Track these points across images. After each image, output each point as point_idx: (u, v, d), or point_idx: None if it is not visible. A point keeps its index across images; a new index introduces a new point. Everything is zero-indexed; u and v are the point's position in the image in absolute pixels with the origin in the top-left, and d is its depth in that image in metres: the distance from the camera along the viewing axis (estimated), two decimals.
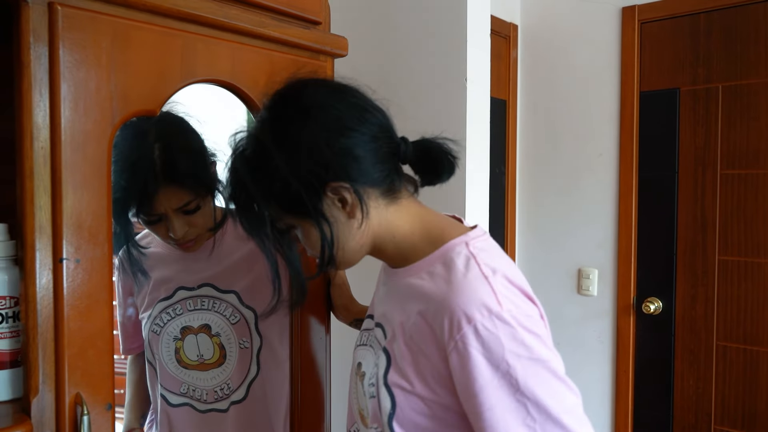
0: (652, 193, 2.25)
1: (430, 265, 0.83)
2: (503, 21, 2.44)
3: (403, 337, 0.81)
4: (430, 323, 0.78)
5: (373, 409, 0.83)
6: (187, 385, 1.23)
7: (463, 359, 0.74)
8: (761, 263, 2.04)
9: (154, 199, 1.07)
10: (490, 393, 0.73)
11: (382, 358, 0.83)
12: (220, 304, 1.21)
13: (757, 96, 2.03)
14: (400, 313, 0.84)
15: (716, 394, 2.12)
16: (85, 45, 0.74)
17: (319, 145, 0.80)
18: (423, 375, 0.79)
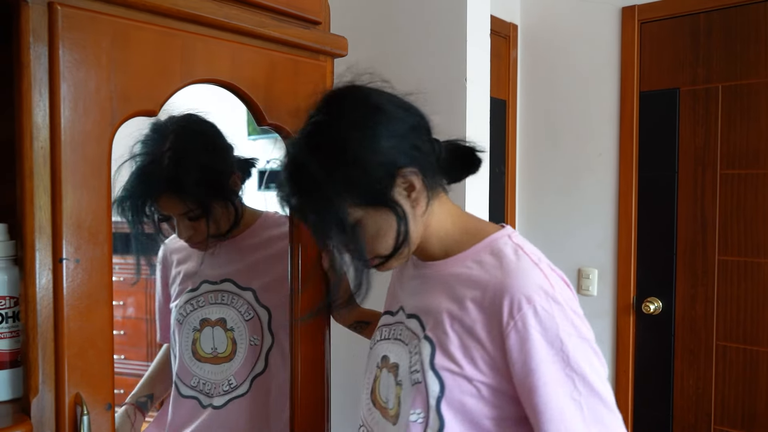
0: (651, 193, 2.25)
1: (476, 256, 0.89)
2: (503, 21, 2.44)
3: (450, 323, 0.86)
4: (484, 308, 0.84)
5: (418, 395, 0.87)
6: (198, 379, 1.26)
7: (522, 337, 0.80)
8: (761, 263, 2.04)
9: (158, 203, 1.15)
10: (546, 368, 0.79)
11: (426, 346, 0.87)
12: (237, 300, 1.25)
13: (757, 96, 2.03)
14: (445, 302, 0.88)
15: (716, 394, 2.12)
16: (85, 45, 0.74)
17: (392, 133, 0.87)
18: (472, 357, 0.84)
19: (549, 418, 0.79)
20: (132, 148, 1.16)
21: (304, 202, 0.88)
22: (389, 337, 0.97)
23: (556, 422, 0.79)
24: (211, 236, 1.20)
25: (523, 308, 0.80)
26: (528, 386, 0.81)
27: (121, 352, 2.24)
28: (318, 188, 0.85)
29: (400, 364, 0.92)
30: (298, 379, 1.08)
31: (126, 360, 2.28)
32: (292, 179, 0.87)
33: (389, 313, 1.02)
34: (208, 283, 1.27)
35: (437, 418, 0.85)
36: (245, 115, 2.73)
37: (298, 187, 0.87)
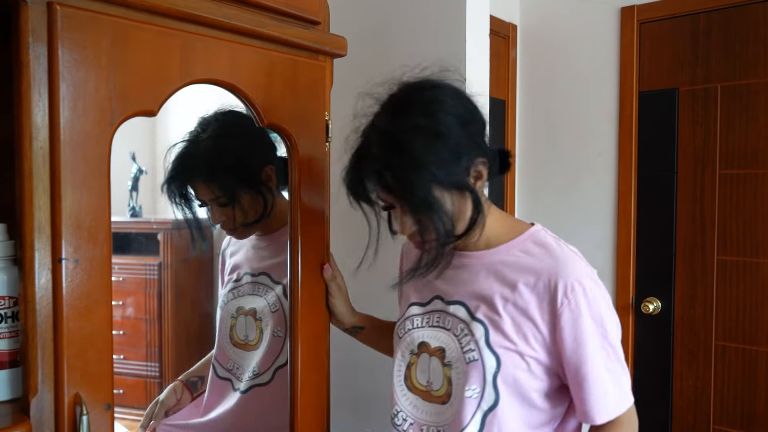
0: (651, 193, 2.26)
1: (521, 246, 1.02)
2: (502, 21, 2.44)
3: (503, 305, 0.98)
4: (537, 291, 0.97)
5: (474, 371, 0.97)
6: (233, 363, 1.33)
7: (575, 315, 0.95)
8: (760, 263, 2.04)
9: (194, 188, 1.26)
10: (592, 342, 0.95)
11: (478, 327, 0.99)
12: (269, 292, 1.31)
13: (756, 96, 2.03)
14: (497, 286, 1.00)
15: (715, 393, 2.12)
16: (85, 45, 0.74)
17: (476, 125, 0.98)
18: (524, 335, 0.97)
19: (592, 385, 0.96)
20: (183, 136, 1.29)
21: (399, 179, 0.92)
22: (424, 325, 1.06)
23: (598, 388, 0.96)
24: (241, 225, 1.28)
25: (576, 290, 0.95)
26: (578, 356, 0.95)
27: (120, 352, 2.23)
28: (417, 167, 0.91)
29: (446, 347, 1.01)
30: (298, 380, 1.08)
31: (125, 360, 2.28)
32: (390, 155, 0.92)
33: (417, 304, 1.09)
34: (249, 275, 1.35)
35: (493, 392, 0.97)
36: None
37: (396, 164, 0.92)
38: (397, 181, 0.93)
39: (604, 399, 0.97)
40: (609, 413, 0.98)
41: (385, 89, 1.02)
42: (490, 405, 0.97)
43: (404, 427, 1.05)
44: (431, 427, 1.03)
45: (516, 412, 0.99)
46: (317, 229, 1.12)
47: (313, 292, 1.11)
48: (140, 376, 2.22)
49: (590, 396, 0.96)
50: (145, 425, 1.40)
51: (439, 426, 1.02)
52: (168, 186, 1.26)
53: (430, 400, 1.03)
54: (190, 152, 1.25)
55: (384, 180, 0.94)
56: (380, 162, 0.93)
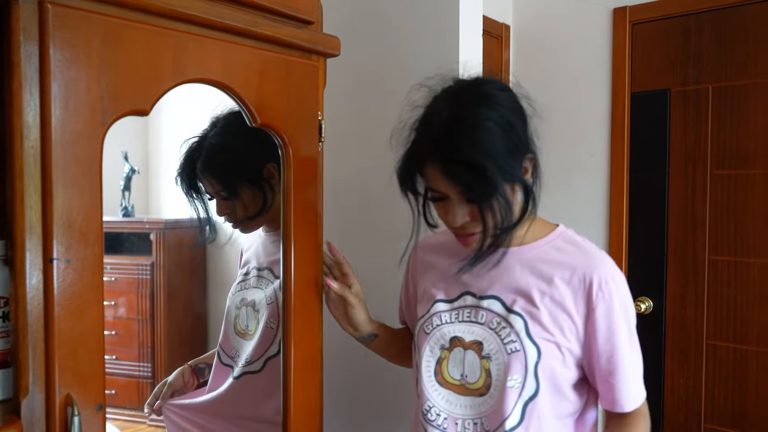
0: (643, 193, 2.27)
1: (552, 243, 1.09)
2: (495, 21, 2.44)
3: (540, 298, 1.04)
4: (572, 285, 1.03)
5: (516, 362, 1.01)
6: (235, 351, 1.39)
7: (608, 307, 1.02)
8: (751, 263, 2.05)
9: (202, 182, 1.34)
10: (622, 331, 1.03)
11: (517, 320, 1.03)
12: (269, 286, 1.36)
13: (746, 97, 2.05)
14: (533, 280, 1.05)
15: (706, 392, 2.14)
16: (76, 44, 0.74)
17: (526, 119, 1.03)
18: (560, 326, 1.03)
19: (623, 373, 1.03)
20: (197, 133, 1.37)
21: (470, 166, 0.94)
22: (453, 320, 1.09)
23: (628, 376, 1.04)
24: (243, 219, 1.34)
25: (609, 284, 1.02)
26: (611, 345, 1.03)
27: (112, 353, 2.22)
28: (487, 155, 0.94)
29: (483, 340, 1.05)
30: (290, 378, 1.08)
31: (117, 360, 2.27)
32: (461, 142, 0.95)
33: (443, 301, 1.11)
34: (256, 269, 1.41)
35: (534, 381, 1.01)
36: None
37: (467, 151, 0.94)
38: (467, 168, 0.94)
39: (633, 386, 1.05)
40: (637, 401, 1.06)
41: (436, 83, 1.05)
42: (531, 394, 1.02)
43: (438, 422, 1.06)
44: (467, 420, 1.05)
45: (551, 402, 1.04)
46: (310, 228, 1.12)
47: (306, 291, 1.11)
48: (132, 376, 2.21)
49: (621, 384, 1.04)
50: (152, 403, 1.46)
51: (475, 418, 1.05)
52: (179, 179, 1.36)
53: (465, 394, 1.05)
54: (197, 148, 1.34)
55: (451, 167, 0.95)
56: (451, 149, 0.95)
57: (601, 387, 1.06)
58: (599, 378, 1.05)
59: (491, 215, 0.98)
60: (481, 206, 0.98)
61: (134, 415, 2.00)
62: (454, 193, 0.99)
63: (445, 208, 1.02)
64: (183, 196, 1.37)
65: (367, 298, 1.31)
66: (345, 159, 1.83)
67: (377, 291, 1.41)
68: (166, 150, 2.16)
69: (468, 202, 0.99)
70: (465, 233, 1.04)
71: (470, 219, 1.01)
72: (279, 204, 1.32)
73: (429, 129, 0.99)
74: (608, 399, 1.06)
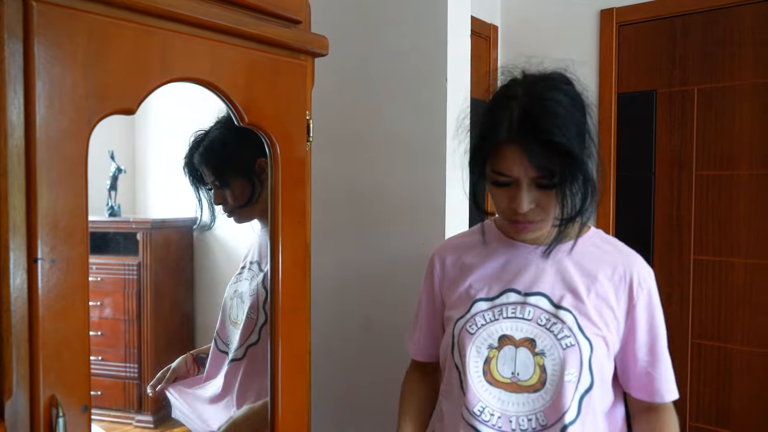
0: (629, 194, 2.28)
1: (589, 241, 1.13)
2: (483, 22, 2.45)
3: (587, 294, 1.07)
4: (614, 281, 1.09)
5: (572, 356, 1.04)
6: (229, 338, 1.47)
7: (648, 300, 1.10)
8: (735, 262, 2.07)
9: (203, 171, 1.43)
10: (661, 326, 1.10)
11: (567, 315, 1.06)
12: (254, 279, 1.42)
13: (731, 99, 2.07)
14: (578, 277, 1.09)
15: (691, 391, 2.15)
16: (61, 42, 0.73)
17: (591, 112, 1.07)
18: (606, 321, 1.07)
19: (663, 363, 1.09)
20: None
21: (564, 148, 0.96)
22: (498, 317, 1.09)
23: (667, 367, 1.10)
24: (235, 208, 1.42)
25: (647, 280, 1.11)
26: (651, 336, 1.09)
27: (98, 353, 2.21)
28: (577, 140, 0.98)
29: (535, 337, 1.06)
30: (278, 380, 1.08)
31: (103, 361, 2.25)
32: (554, 124, 0.96)
33: (484, 299, 1.12)
34: (250, 262, 1.48)
35: (588, 375, 1.04)
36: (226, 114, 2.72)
37: (563, 134, 0.96)
38: (554, 150, 0.95)
39: (671, 377, 1.10)
40: (674, 391, 1.10)
41: (503, 75, 1.10)
42: (586, 388, 1.04)
43: (493, 421, 1.06)
44: (521, 417, 1.05)
45: (602, 395, 1.07)
46: (298, 229, 1.12)
47: (294, 291, 1.11)
48: (119, 377, 2.19)
49: (660, 374, 1.09)
50: (154, 386, 1.55)
51: (530, 415, 1.05)
52: (184, 168, 1.47)
53: (517, 391, 1.06)
54: (200, 140, 1.44)
55: (534, 149, 0.96)
56: (538, 131, 0.95)
57: (640, 380, 1.10)
58: (639, 371, 1.09)
59: (569, 201, 0.99)
60: (562, 190, 0.98)
61: (121, 416, 1.99)
62: (527, 178, 0.99)
63: (510, 194, 1.02)
64: (188, 185, 1.48)
65: (355, 298, 1.31)
66: (333, 158, 1.82)
67: (365, 290, 1.41)
68: (153, 149, 2.15)
69: (537, 188, 1.00)
70: (526, 220, 1.04)
71: (535, 206, 1.01)
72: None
73: (508, 111, 0.99)
74: (648, 390, 1.10)
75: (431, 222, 1.59)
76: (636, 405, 1.15)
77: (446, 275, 1.21)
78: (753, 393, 2.05)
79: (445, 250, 1.24)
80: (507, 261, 1.14)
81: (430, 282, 1.24)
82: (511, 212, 1.04)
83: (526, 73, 1.07)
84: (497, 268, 1.14)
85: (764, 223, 2.02)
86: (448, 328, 1.16)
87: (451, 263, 1.21)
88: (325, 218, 1.76)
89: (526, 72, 1.07)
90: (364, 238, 1.78)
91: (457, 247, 1.23)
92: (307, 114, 1.11)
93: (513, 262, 1.13)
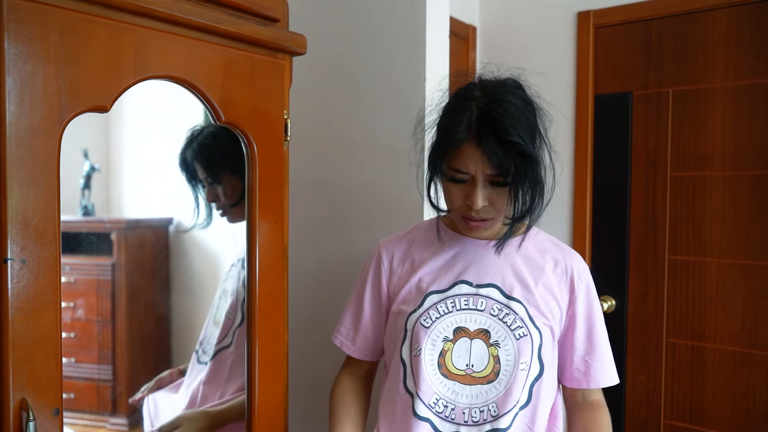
0: (605, 194, 2.31)
1: (533, 238, 1.18)
2: (462, 22, 2.46)
3: (535, 285, 1.12)
4: (557, 274, 1.15)
5: (525, 346, 1.08)
6: (210, 339, 1.43)
7: (587, 291, 1.16)
8: (708, 262, 2.11)
9: (197, 167, 1.41)
10: (599, 316, 1.17)
11: (518, 306, 1.10)
12: (240, 279, 1.39)
13: (704, 101, 2.10)
14: (527, 269, 1.14)
15: (666, 389, 2.19)
16: (32, 37, 0.72)
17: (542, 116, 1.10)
18: (551, 311, 1.12)
19: (601, 350, 1.15)
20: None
21: (520, 145, 0.99)
22: (451, 310, 1.11)
23: (605, 354, 1.16)
24: (227, 206, 1.39)
25: (586, 272, 1.17)
26: (590, 324, 1.15)
27: (71, 355, 2.17)
28: (530, 140, 1.01)
29: (489, 328, 1.10)
30: (255, 380, 1.07)
31: (77, 363, 2.21)
32: (513, 124, 0.99)
33: (436, 292, 1.13)
34: (237, 261, 1.45)
35: (538, 363, 1.09)
36: (202, 114, 2.69)
37: (518, 133, 0.99)
38: (512, 149, 0.98)
39: (609, 364, 1.16)
40: (611, 379, 1.16)
41: (468, 75, 1.13)
42: (536, 375, 1.09)
43: (446, 413, 1.09)
44: (473, 409, 1.08)
45: (551, 382, 1.12)
46: (276, 229, 1.11)
47: (271, 292, 1.10)
48: (92, 379, 2.15)
49: (597, 361, 1.15)
50: (136, 398, 1.55)
51: (482, 406, 1.08)
52: (178, 164, 1.44)
53: (471, 383, 1.09)
54: (195, 135, 1.43)
55: (493, 148, 0.98)
56: (497, 130, 0.98)
57: (578, 368, 1.15)
58: (577, 359, 1.15)
59: (520, 199, 1.02)
60: (515, 189, 1.01)
61: (94, 418, 1.95)
62: (483, 175, 1.01)
63: (466, 191, 1.04)
64: (185, 182, 1.46)
65: (332, 299, 1.30)
66: (311, 158, 1.82)
67: (343, 291, 1.40)
68: (129, 148, 2.12)
69: (491, 186, 1.02)
70: (479, 218, 1.06)
71: (488, 203, 1.04)
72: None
73: (467, 112, 1.01)
74: (586, 377, 1.15)
75: (409, 221, 1.59)
76: (571, 401, 1.20)
77: (394, 270, 1.21)
78: (725, 390, 2.09)
79: (392, 244, 1.24)
80: (456, 254, 1.16)
81: (377, 276, 1.23)
82: (466, 209, 1.06)
83: (482, 78, 1.10)
84: (447, 261, 1.16)
85: (736, 224, 2.06)
86: (398, 322, 1.16)
87: (400, 257, 1.21)
88: (303, 218, 1.75)
89: (482, 77, 1.10)
90: (342, 238, 1.78)
91: (404, 241, 1.23)
92: (285, 113, 1.11)
93: (462, 255, 1.16)
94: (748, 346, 2.05)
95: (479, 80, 1.09)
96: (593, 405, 1.17)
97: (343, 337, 1.26)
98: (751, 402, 2.04)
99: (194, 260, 1.95)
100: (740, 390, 2.06)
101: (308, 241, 1.80)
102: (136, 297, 2.24)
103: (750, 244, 2.03)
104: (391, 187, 1.67)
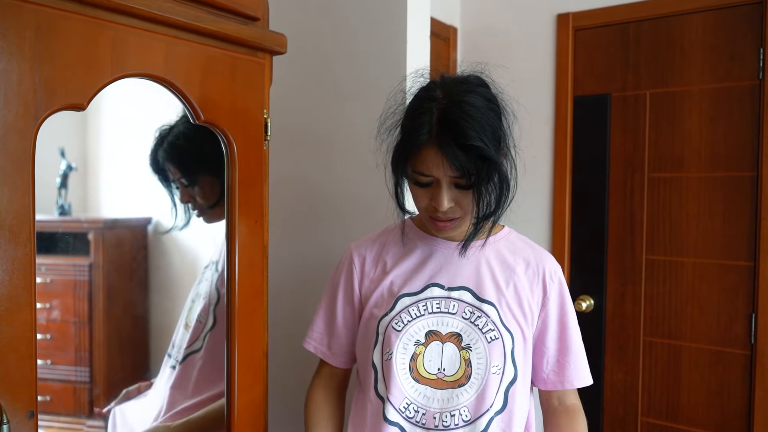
0: (584, 195, 2.33)
1: (505, 239, 1.17)
2: (443, 23, 2.47)
3: (506, 287, 1.11)
4: (529, 275, 1.13)
5: (496, 350, 1.07)
6: (179, 343, 1.39)
7: (560, 292, 1.15)
8: (684, 262, 2.14)
9: (169, 167, 1.35)
10: (572, 316, 1.16)
11: (490, 309, 1.09)
12: (213, 281, 1.36)
13: (681, 103, 2.13)
14: (499, 271, 1.12)
15: (643, 387, 2.21)
16: (6, 34, 0.70)
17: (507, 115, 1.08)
18: (524, 313, 1.11)
19: (575, 351, 1.14)
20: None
21: (480, 148, 0.97)
22: (423, 313, 1.10)
23: (579, 355, 1.15)
24: (205, 208, 1.34)
25: (558, 273, 1.16)
26: (563, 324, 1.15)
27: (47, 357, 2.14)
28: (498, 140, 1.01)
29: (461, 331, 1.08)
30: (234, 380, 1.06)
31: (53, 365, 2.18)
32: (473, 126, 0.98)
33: (408, 295, 1.12)
34: (211, 264, 1.42)
35: (512, 367, 1.08)
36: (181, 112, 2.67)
37: (478, 136, 0.98)
38: (473, 152, 0.97)
39: (583, 365, 1.15)
40: (585, 380, 1.15)
41: (421, 80, 1.10)
42: (511, 379, 1.08)
43: (417, 418, 1.07)
44: (444, 413, 1.07)
45: (525, 385, 1.11)
46: (255, 229, 1.11)
47: (250, 292, 1.10)
48: (69, 381, 2.12)
49: (571, 362, 1.14)
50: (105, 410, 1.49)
51: (453, 410, 1.07)
52: (149, 165, 1.39)
53: (441, 387, 1.07)
54: (164, 135, 1.36)
55: (453, 151, 0.97)
56: (457, 134, 0.97)
57: (552, 369, 1.14)
58: (550, 360, 1.14)
59: (485, 200, 1.01)
60: (479, 190, 1.00)
61: (71, 421, 1.92)
62: (446, 178, 1.00)
63: (431, 193, 1.04)
64: (158, 184, 1.41)
65: (311, 299, 1.30)
66: (292, 158, 1.81)
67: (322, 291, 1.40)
68: (106, 147, 2.09)
69: (456, 188, 1.01)
70: (446, 218, 1.05)
71: (454, 204, 1.03)
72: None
73: (428, 115, 1.00)
74: (560, 378, 1.14)
75: (391, 221, 1.59)
76: (547, 406, 1.19)
77: (366, 273, 1.19)
78: (700, 388, 2.12)
79: (363, 247, 1.22)
80: (427, 256, 1.15)
81: (349, 280, 1.21)
82: (432, 210, 1.05)
83: (444, 75, 1.08)
84: (418, 264, 1.15)
85: (711, 224, 2.09)
86: (370, 326, 1.14)
87: (372, 260, 1.20)
88: (283, 218, 1.74)
89: (444, 75, 1.08)
90: (322, 238, 1.77)
91: (376, 243, 1.22)
92: (265, 112, 1.10)
93: (433, 258, 1.15)
94: (723, 345, 2.08)
95: (441, 78, 1.07)
96: (569, 410, 1.16)
97: (316, 342, 1.23)
98: (726, 399, 2.08)
99: (173, 260, 1.93)
100: (715, 387, 2.09)
101: (288, 241, 1.80)
102: (113, 298, 2.21)
103: (725, 244, 2.07)
104: (371, 186, 1.67)
